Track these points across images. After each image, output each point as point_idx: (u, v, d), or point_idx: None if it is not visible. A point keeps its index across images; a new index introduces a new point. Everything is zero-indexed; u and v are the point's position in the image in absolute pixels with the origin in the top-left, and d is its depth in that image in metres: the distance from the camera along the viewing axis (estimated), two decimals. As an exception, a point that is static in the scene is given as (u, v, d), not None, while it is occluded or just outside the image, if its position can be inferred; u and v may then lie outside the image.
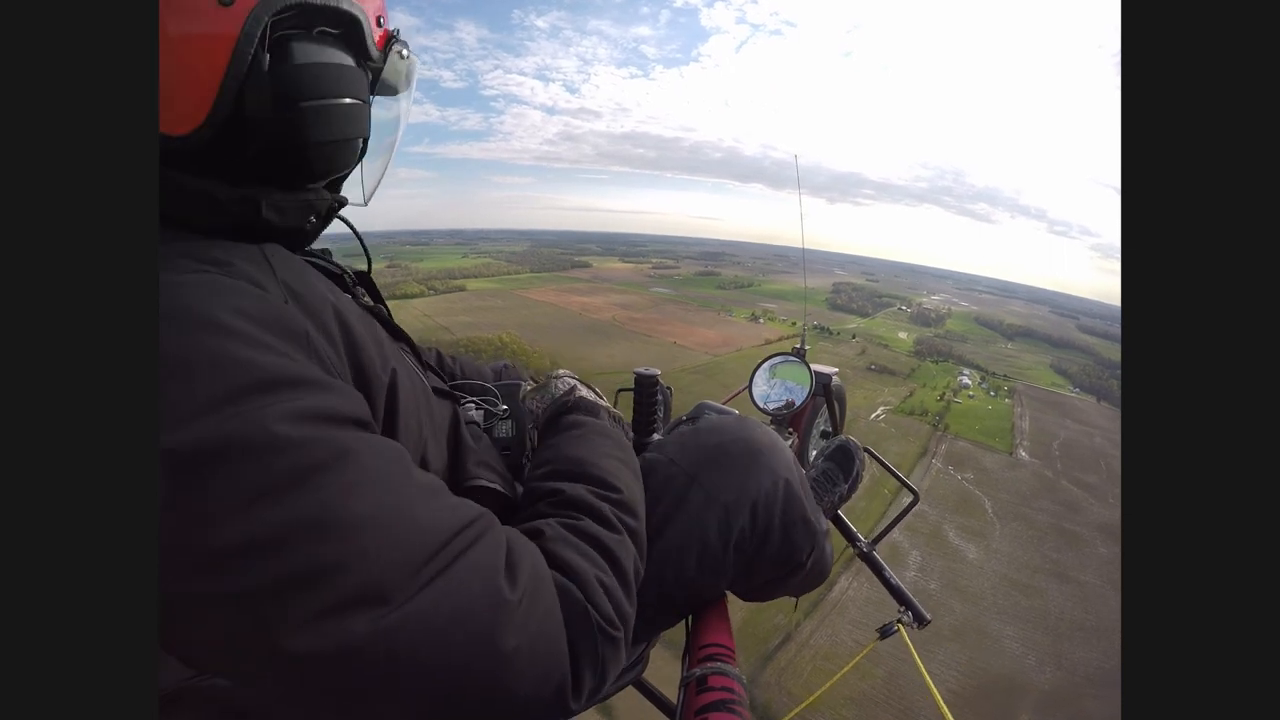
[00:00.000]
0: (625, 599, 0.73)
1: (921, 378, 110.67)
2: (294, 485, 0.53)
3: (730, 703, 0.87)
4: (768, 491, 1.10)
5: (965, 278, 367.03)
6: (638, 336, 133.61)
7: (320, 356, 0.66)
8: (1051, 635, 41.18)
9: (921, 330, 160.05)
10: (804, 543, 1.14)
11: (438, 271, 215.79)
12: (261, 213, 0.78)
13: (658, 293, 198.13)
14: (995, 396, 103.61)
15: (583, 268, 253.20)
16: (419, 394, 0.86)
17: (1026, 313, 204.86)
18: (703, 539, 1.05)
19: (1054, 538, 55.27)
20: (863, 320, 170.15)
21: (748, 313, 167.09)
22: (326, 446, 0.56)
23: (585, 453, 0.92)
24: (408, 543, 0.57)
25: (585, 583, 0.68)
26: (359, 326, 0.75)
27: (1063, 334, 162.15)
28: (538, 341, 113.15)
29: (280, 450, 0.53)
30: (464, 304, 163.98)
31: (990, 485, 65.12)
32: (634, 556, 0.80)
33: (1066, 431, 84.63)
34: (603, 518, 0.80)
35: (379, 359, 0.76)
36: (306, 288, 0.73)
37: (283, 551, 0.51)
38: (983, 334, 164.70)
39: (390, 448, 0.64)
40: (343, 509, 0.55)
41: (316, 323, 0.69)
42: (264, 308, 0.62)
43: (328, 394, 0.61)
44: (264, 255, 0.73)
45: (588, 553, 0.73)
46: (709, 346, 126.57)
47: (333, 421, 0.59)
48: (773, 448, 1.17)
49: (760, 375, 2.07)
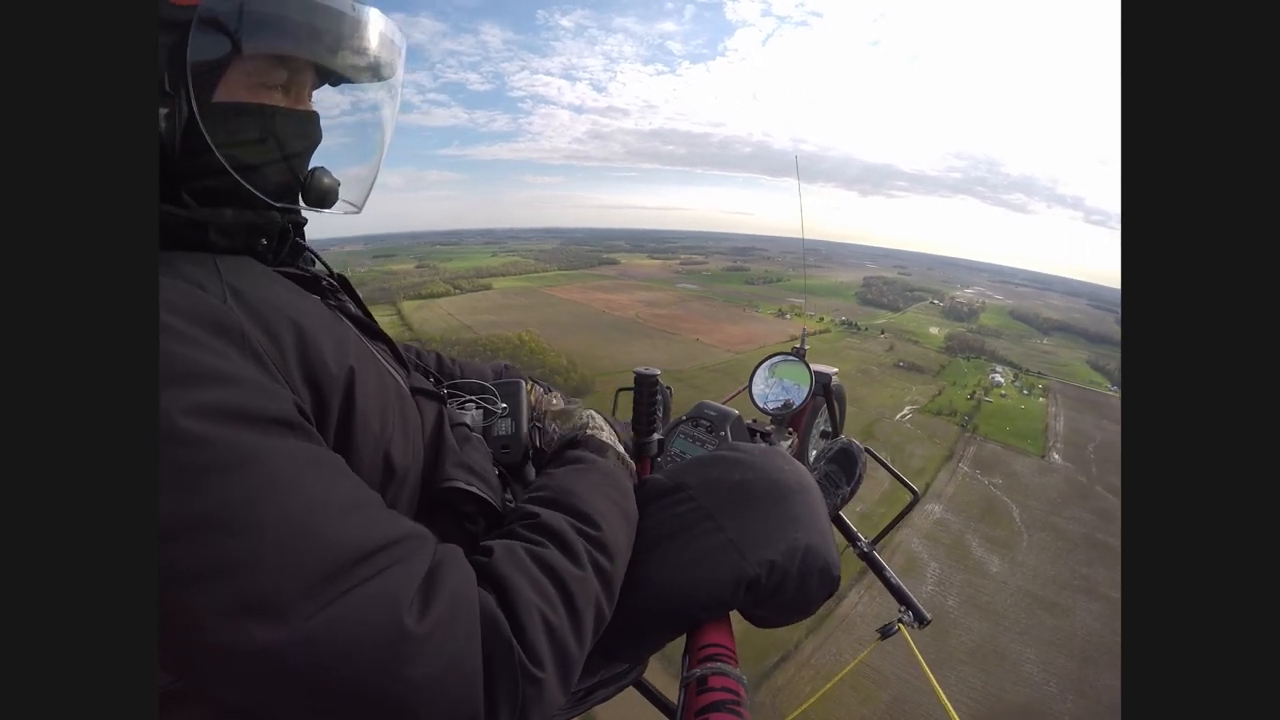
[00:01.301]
0: (571, 639, 0.70)
1: (952, 375, 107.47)
2: (193, 481, 0.53)
3: (731, 703, 0.87)
4: (788, 549, 1.02)
5: (1001, 270, 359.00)
6: (659, 334, 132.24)
7: (256, 352, 0.66)
8: (1077, 659, 38.71)
9: (954, 325, 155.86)
10: (819, 593, 1.06)
11: (465, 271, 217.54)
12: (209, 236, 0.79)
13: (684, 289, 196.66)
14: (1029, 395, 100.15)
15: (610, 264, 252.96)
16: (388, 393, 0.85)
17: (1064, 306, 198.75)
18: (714, 578, 0.99)
19: (1085, 549, 52.56)
20: (893, 315, 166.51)
21: (774, 309, 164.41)
22: (232, 446, 0.56)
23: (577, 485, 0.91)
24: (307, 557, 0.56)
25: (521, 615, 0.66)
26: (316, 325, 0.76)
27: (1101, 329, 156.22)
28: (558, 339, 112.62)
29: (183, 444, 0.53)
30: (489, 302, 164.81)
31: (1019, 491, 62.37)
32: (596, 596, 0.77)
33: (1103, 433, 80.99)
34: (571, 551, 0.77)
35: (336, 357, 0.76)
36: (253, 288, 0.73)
37: (175, 544, 0.51)
38: (1018, 329, 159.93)
39: (310, 454, 0.63)
40: (240, 512, 0.54)
41: (258, 320, 0.69)
42: (194, 304, 0.63)
43: (246, 390, 0.60)
44: (214, 261, 0.74)
45: (538, 583, 0.70)
46: (732, 343, 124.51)
47: (246, 420, 0.58)
48: (801, 489, 1.11)
49: (760, 375, 2.08)
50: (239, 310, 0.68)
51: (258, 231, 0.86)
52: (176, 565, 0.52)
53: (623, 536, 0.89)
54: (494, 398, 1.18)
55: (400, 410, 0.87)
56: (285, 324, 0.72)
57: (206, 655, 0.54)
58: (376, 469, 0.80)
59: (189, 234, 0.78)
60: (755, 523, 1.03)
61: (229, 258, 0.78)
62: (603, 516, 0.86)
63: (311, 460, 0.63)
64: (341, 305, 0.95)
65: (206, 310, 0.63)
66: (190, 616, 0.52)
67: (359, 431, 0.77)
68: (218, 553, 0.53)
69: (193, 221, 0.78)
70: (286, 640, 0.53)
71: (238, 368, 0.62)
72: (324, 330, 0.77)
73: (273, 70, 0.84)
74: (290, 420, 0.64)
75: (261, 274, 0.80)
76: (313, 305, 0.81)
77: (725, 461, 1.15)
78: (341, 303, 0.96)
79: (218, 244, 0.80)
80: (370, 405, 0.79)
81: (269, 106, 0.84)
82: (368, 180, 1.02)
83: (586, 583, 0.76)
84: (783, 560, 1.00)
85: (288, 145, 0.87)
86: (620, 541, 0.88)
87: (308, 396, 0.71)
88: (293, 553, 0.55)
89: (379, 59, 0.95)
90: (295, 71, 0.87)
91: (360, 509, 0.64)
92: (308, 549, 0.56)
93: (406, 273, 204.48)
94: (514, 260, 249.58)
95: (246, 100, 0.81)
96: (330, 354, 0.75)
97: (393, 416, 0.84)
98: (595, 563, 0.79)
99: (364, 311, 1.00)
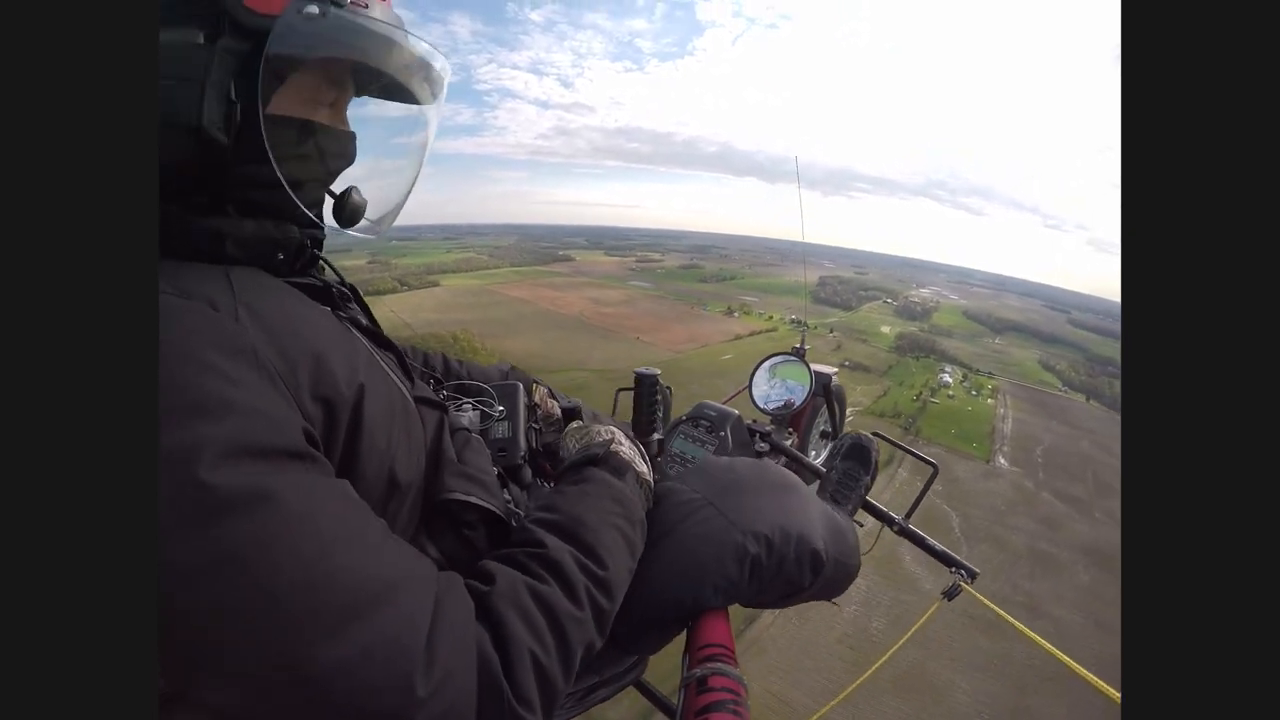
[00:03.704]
0: (559, 678, 0.71)
1: (899, 375, 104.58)
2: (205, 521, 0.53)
3: (731, 703, 0.87)
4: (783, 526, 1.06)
5: (960, 271, 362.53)
6: (600, 332, 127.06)
7: (269, 371, 0.66)
8: (1014, 687, 34.52)
9: (906, 324, 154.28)
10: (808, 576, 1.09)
11: (416, 267, 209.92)
12: (225, 248, 0.79)
13: (635, 286, 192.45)
14: (977, 396, 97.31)
15: (565, 262, 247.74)
16: (395, 408, 0.86)
17: (1020, 307, 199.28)
18: (720, 556, 1.04)
19: (1028, 562, 48.61)
20: (845, 313, 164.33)
21: (723, 307, 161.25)
22: (249, 488, 0.56)
23: (589, 514, 0.89)
24: (324, 595, 0.56)
25: (514, 656, 0.66)
26: (328, 342, 0.76)
27: (1054, 329, 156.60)
28: (494, 338, 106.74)
29: (193, 483, 0.53)
30: (434, 300, 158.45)
31: (961, 499, 58.29)
32: (590, 637, 0.78)
33: (1052, 436, 78.10)
34: (572, 591, 0.77)
35: (347, 375, 0.76)
36: (265, 304, 0.73)
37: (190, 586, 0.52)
38: (970, 328, 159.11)
39: (320, 487, 0.64)
40: (255, 553, 0.54)
41: (270, 338, 0.69)
42: (205, 324, 0.63)
43: (257, 422, 0.60)
44: (226, 275, 0.74)
45: (534, 621, 0.70)
46: (674, 343, 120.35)
47: (261, 456, 0.59)
48: (788, 487, 1.16)
49: (760, 375, 2.11)
50: (251, 328, 0.67)
51: (276, 246, 0.85)
52: (192, 607, 0.52)
53: (625, 572, 0.89)
54: (491, 400, 1.19)
55: (405, 425, 0.88)
56: (297, 342, 0.71)
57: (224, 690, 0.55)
58: (381, 484, 0.80)
59: (204, 244, 0.77)
60: (749, 503, 1.08)
61: (241, 270, 0.77)
62: (610, 553, 0.85)
63: (323, 493, 0.63)
64: (352, 317, 0.95)
65: (220, 333, 0.63)
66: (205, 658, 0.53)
67: (365, 449, 0.77)
68: (234, 594, 0.53)
69: (211, 232, 0.77)
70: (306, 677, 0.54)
71: (249, 395, 0.61)
72: (335, 346, 0.76)
73: (326, 88, 0.86)
74: (300, 451, 0.64)
75: (274, 288, 0.79)
76: (324, 319, 0.81)
77: (717, 467, 1.19)
78: (352, 314, 0.96)
79: (233, 255, 0.79)
80: (378, 422, 0.79)
81: (317, 123, 0.85)
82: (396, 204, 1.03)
83: (584, 624, 0.76)
84: (778, 538, 1.05)
85: (330, 163, 0.90)
86: (623, 579, 0.88)
87: (318, 415, 0.71)
88: (311, 589, 0.56)
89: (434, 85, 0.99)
90: (342, 91, 0.89)
91: (367, 541, 0.64)
92: (326, 586, 0.57)
93: (357, 268, 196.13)
94: (468, 257, 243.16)
95: (299, 115, 0.83)
96: (341, 371, 0.75)
97: (398, 432, 0.85)
98: (594, 603, 0.79)
99: (372, 321, 1.01)
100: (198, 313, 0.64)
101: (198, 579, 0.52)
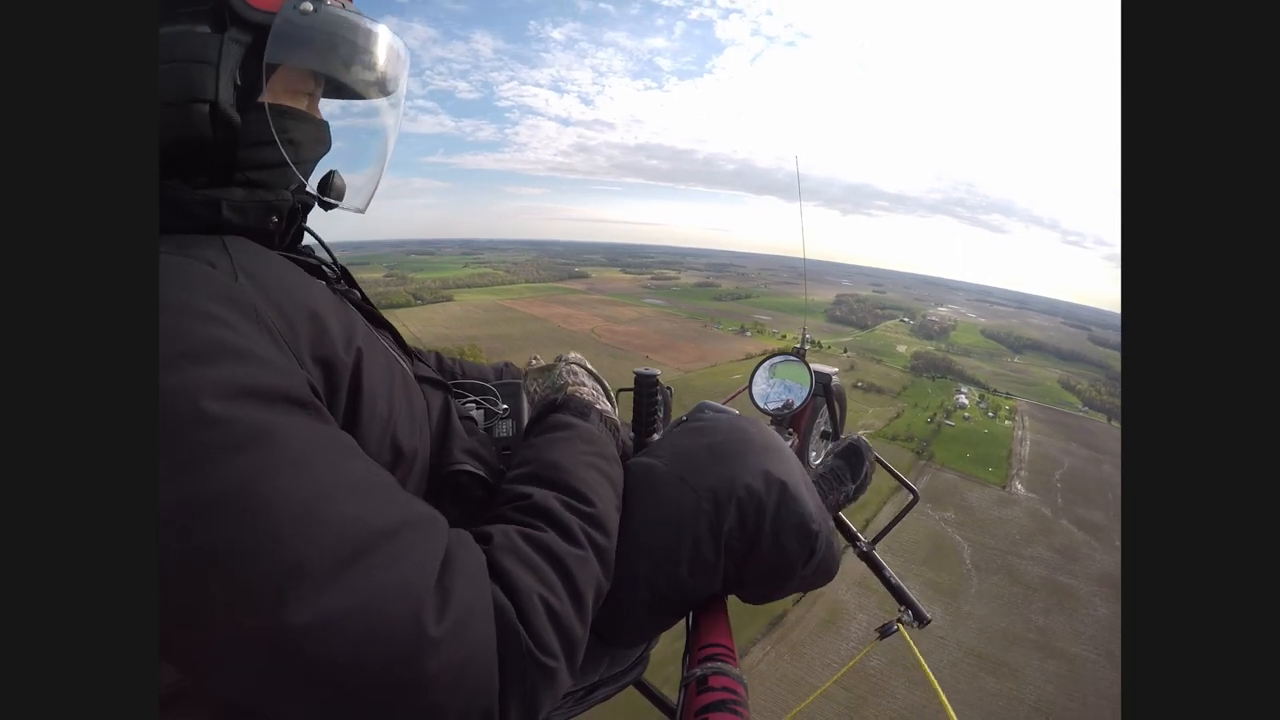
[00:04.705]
0: (575, 622, 0.70)
1: (914, 396, 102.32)
2: (210, 460, 0.53)
3: (731, 703, 0.87)
4: (757, 489, 1.02)
5: (979, 289, 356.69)
6: (610, 351, 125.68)
7: (269, 328, 0.66)
8: (1022, 732, 32.37)
9: (923, 344, 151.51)
10: (797, 547, 1.05)
11: (431, 281, 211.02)
12: (222, 213, 0.80)
13: (649, 304, 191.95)
14: (994, 418, 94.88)
15: (580, 278, 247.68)
16: (394, 377, 0.86)
17: (1041, 324, 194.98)
18: (694, 538, 1.00)
19: (1043, 596, 46.35)
20: (860, 333, 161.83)
21: (736, 325, 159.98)
22: (248, 425, 0.56)
23: (564, 458, 0.89)
24: (327, 533, 0.56)
25: (525, 604, 0.65)
26: (325, 307, 0.76)
27: (1074, 347, 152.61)
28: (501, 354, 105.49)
29: (199, 423, 0.53)
30: (446, 315, 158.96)
31: (973, 527, 56.13)
32: (596, 576, 0.77)
33: (1071, 459, 75.41)
34: (567, 531, 0.77)
35: (344, 339, 0.76)
36: (263, 268, 0.74)
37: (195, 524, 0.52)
38: (989, 347, 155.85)
39: (324, 433, 0.64)
40: (259, 491, 0.54)
41: (269, 299, 0.69)
42: (207, 279, 0.64)
43: (261, 367, 0.60)
44: (223, 243, 0.75)
45: (539, 568, 0.70)
46: (684, 362, 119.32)
47: (263, 399, 0.59)
48: (765, 446, 1.11)
49: (760, 375, 2.08)
50: (251, 288, 0.68)
51: (269, 209, 0.87)
52: (196, 546, 0.51)
53: (613, 508, 0.89)
54: (495, 398, 1.18)
55: (406, 394, 0.88)
56: (296, 303, 0.72)
57: (221, 642, 0.53)
58: (385, 451, 0.80)
59: (201, 213, 0.79)
60: (719, 468, 1.04)
61: (236, 240, 0.78)
62: (593, 490, 0.85)
63: (325, 440, 0.63)
64: (347, 292, 0.98)
65: (220, 286, 0.64)
66: (206, 599, 0.52)
67: (366, 414, 0.77)
68: (238, 532, 0.52)
69: (205, 200, 0.79)
70: (308, 623, 0.52)
71: (252, 343, 0.61)
72: (332, 312, 0.77)
73: (307, 80, 0.92)
74: (304, 400, 0.64)
75: (269, 256, 0.80)
76: (319, 288, 0.82)
77: (693, 431, 1.16)
78: (347, 290, 1.00)
79: (230, 221, 0.81)
80: (377, 388, 0.80)
81: (300, 110, 0.91)
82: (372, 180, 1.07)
83: (587, 562, 0.76)
84: (751, 500, 1.01)
85: (311, 149, 0.93)
86: (612, 514, 0.88)
87: (319, 376, 0.71)
88: (313, 530, 0.55)
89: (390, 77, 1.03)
90: (318, 84, 0.95)
91: (375, 489, 0.64)
92: (327, 527, 0.56)
93: (374, 281, 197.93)
94: (483, 272, 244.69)
95: (285, 104, 0.88)
96: (339, 336, 0.75)
97: (399, 400, 0.85)
98: (592, 540, 0.79)
99: (366, 300, 1.03)
100: (198, 270, 0.65)
101: (191, 519, 0.51)
